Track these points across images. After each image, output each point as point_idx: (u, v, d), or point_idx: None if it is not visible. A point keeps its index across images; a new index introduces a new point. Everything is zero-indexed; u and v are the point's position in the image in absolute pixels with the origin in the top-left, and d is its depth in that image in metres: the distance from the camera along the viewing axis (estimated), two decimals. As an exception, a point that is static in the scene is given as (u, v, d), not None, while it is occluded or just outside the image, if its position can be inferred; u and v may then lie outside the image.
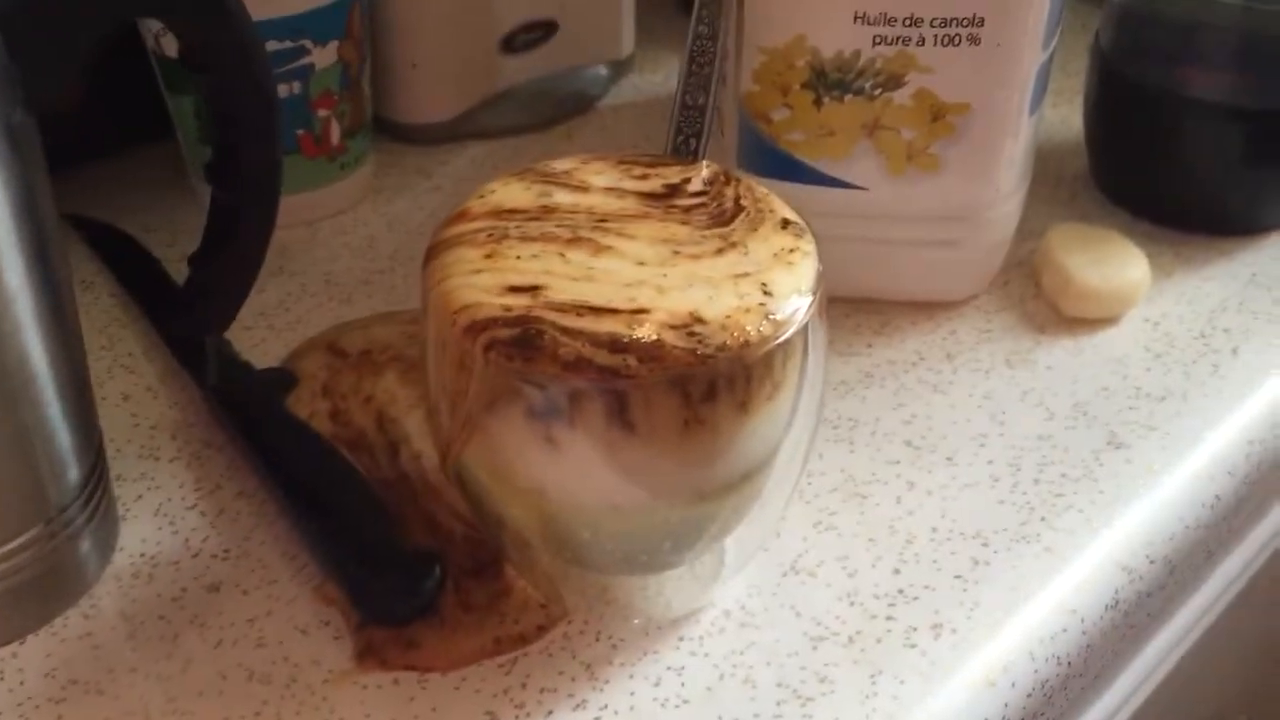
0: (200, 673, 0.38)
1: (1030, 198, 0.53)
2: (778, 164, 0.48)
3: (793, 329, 0.34)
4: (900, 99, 0.47)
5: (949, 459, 0.46)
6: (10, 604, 0.39)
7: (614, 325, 0.32)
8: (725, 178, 0.38)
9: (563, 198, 0.37)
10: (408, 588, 0.40)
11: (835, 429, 0.47)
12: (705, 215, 0.36)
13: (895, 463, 0.46)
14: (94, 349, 0.50)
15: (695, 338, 0.32)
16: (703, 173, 0.38)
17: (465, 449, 0.36)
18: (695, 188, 0.37)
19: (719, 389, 0.33)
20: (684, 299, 0.33)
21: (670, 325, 0.33)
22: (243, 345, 0.50)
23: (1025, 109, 0.48)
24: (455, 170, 0.62)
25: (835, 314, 0.52)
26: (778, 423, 0.36)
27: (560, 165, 0.38)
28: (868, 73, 0.46)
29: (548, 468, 0.35)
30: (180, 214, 0.57)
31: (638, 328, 0.32)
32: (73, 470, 0.40)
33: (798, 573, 0.41)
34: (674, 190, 0.37)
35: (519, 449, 0.35)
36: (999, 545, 0.42)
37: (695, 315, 0.33)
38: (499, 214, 0.36)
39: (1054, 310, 0.52)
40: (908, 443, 0.46)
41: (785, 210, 0.37)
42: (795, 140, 0.48)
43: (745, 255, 0.35)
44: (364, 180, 0.59)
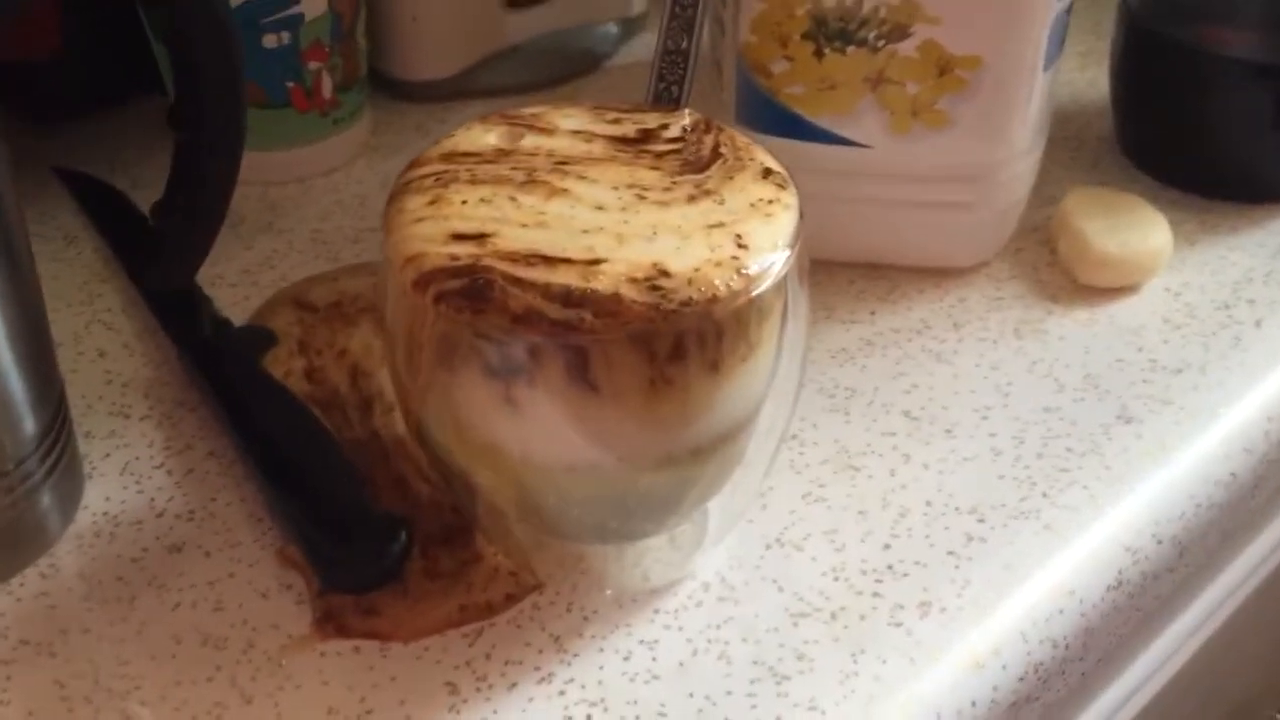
0: (155, 635, 0.37)
1: (1050, 162, 0.51)
2: (777, 120, 0.46)
3: (767, 284, 0.32)
4: (905, 50, 0.44)
5: (949, 431, 0.43)
6: (-36, 559, 0.38)
7: (568, 276, 0.30)
8: (706, 125, 0.36)
9: (526, 142, 0.35)
10: (371, 554, 0.38)
11: (831, 398, 0.45)
12: (678, 161, 0.34)
13: (892, 434, 0.43)
14: (74, 304, 0.49)
15: (659, 291, 0.30)
16: (684, 120, 0.36)
17: (424, 408, 0.34)
18: (673, 134, 0.35)
19: (687, 347, 0.31)
20: (648, 249, 0.31)
21: (631, 278, 0.30)
22: (226, 302, 0.49)
23: (1040, 63, 0.45)
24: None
25: (839, 280, 0.50)
26: (754, 386, 0.34)
27: (531, 110, 0.36)
28: (871, 22, 0.44)
29: (510, 428, 0.33)
30: (170, 169, 0.56)
31: (594, 279, 0.30)
32: (28, 421, 0.38)
33: (783, 545, 0.40)
34: (648, 135, 0.35)
35: (480, 408, 0.33)
36: (996, 521, 0.40)
37: (660, 267, 0.31)
38: (450, 157, 0.34)
39: (1069, 278, 0.50)
40: (906, 413, 0.44)
41: (768, 160, 0.35)
42: (795, 94, 0.46)
43: (720, 204, 0.33)
44: (359, 137, 0.58)
